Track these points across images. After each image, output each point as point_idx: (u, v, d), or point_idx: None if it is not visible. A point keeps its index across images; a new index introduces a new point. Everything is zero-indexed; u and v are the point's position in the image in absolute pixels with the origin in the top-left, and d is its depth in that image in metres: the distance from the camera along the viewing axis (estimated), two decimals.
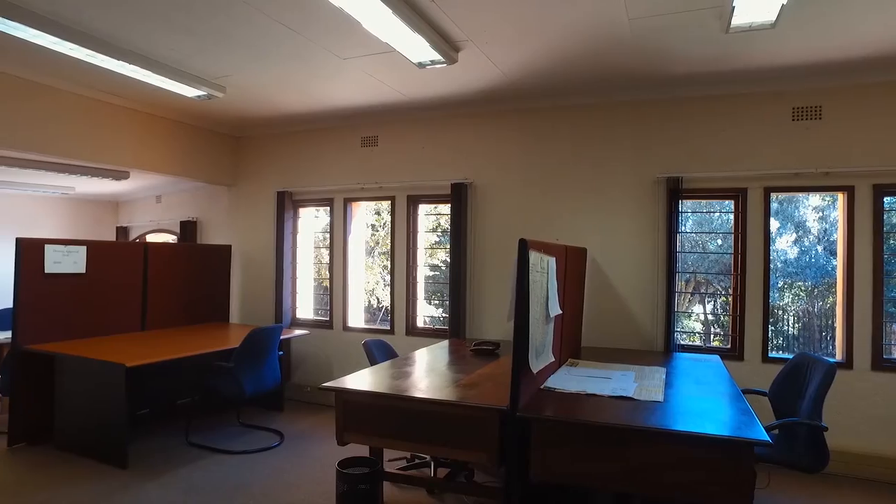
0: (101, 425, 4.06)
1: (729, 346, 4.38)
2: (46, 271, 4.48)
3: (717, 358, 4.00)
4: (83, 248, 4.75)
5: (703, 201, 4.72)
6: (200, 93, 4.43)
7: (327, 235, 5.85)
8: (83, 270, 4.75)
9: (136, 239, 8.04)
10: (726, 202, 4.56)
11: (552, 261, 3.08)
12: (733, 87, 4.23)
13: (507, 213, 4.96)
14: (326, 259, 5.85)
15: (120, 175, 6.08)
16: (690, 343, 4.79)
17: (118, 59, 3.71)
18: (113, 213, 8.47)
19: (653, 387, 3.00)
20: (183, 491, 3.57)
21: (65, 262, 4.61)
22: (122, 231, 8.27)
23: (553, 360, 3.28)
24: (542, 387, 2.99)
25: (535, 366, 2.82)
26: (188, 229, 6.75)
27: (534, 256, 2.69)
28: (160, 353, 4.13)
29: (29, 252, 4.37)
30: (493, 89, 4.53)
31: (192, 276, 5.74)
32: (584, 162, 4.71)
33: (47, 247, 4.49)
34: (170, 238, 7.52)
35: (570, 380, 3.16)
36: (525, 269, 2.56)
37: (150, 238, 7.86)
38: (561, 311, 3.27)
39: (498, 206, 5.00)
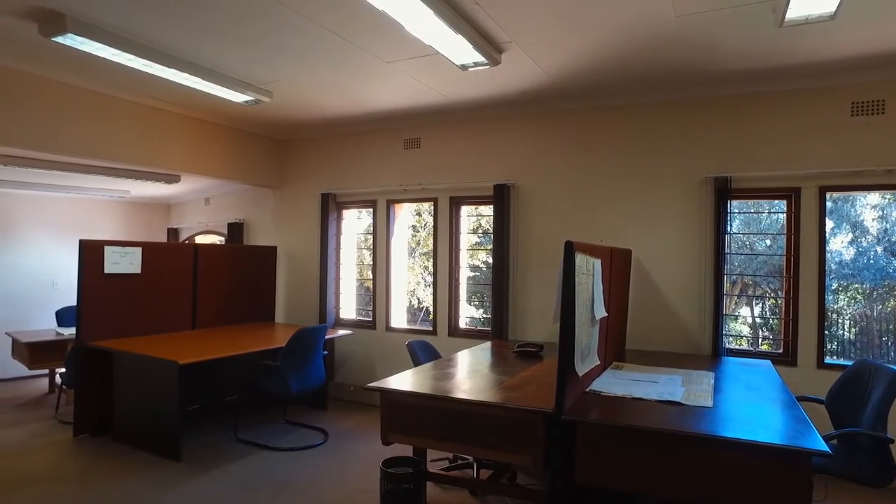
0: (155, 419, 4.22)
1: (781, 350, 4.23)
2: (106, 271, 4.69)
3: (768, 363, 3.87)
4: (139, 250, 4.95)
5: (751, 201, 4.57)
6: (248, 98, 4.55)
7: (370, 237, 5.93)
8: (139, 271, 4.94)
9: (185, 240, 8.32)
10: (777, 202, 4.41)
11: (598, 263, 3.04)
12: (786, 83, 4.08)
13: (549, 214, 4.92)
14: (369, 260, 5.92)
15: (171, 179, 6.30)
16: (737, 347, 4.64)
17: (172, 68, 3.85)
18: (164, 215, 8.78)
19: (701, 392, 2.92)
20: (232, 485, 3.68)
21: (122, 262, 4.82)
22: (173, 232, 8.57)
23: (598, 363, 3.24)
24: (587, 390, 2.95)
25: (581, 369, 2.80)
26: (235, 231, 6.94)
27: (580, 258, 2.67)
28: (210, 351, 4.27)
29: (90, 253, 4.58)
30: (535, 90, 4.50)
31: (239, 277, 5.91)
32: (627, 162, 4.63)
33: (107, 248, 4.70)
34: (217, 239, 7.75)
35: (616, 383, 3.11)
36: (571, 272, 2.54)
37: (199, 239, 8.11)
38: (606, 314, 3.23)
39: (540, 207, 4.96)
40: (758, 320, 8.67)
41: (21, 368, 6.08)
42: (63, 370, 5.44)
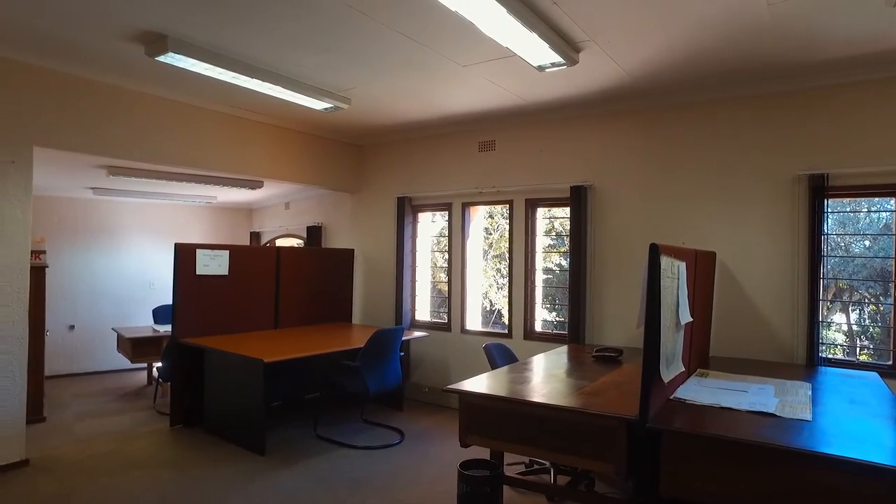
0: (242, 414, 4.44)
1: (891, 362, 3.90)
2: (197, 273, 4.99)
3: (875, 375, 3.56)
4: (227, 253, 5.23)
5: (846, 200, 4.24)
6: (327, 105, 4.71)
7: (443, 239, 5.97)
8: (226, 272, 5.22)
9: (266, 243, 8.70)
10: (881, 199, 4.07)
11: (682, 266, 2.93)
12: (894, 69, 3.76)
13: (628, 216, 4.78)
14: (442, 262, 5.97)
15: (255, 184, 6.62)
16: (833, 356, 4.32)
17: (257, 79, 4.04)
18: (247, 219, 9.24)
19: (797, 403, 2.74)
20: (313, 480, 3.81)
21: (212, 264, 5.11)
22: (255, 236, 8.99)
23: (683, 369, 3.11)
24: (671, 397, 2.84)
25: (666, 375, 2.70)
26: (314, 234, 7.20)
27: (665, 261, 2.58)
28: (293, 350, 4.44)
29: (184, 256, 4.89)
30: (614, 89, 4.39)
31: (318, 278, 6.12)
32: (711, 160, 4.42)
33: (198, 251, 5.00)
34: (296, 242, 8.05)
35: (702, 391, 2.98)
36: (656, 275, 2.45)
37: (279, 242, 8.45)
38: (692, 319, 3.10)
39: (618, 209, 4.83)
40: (854, 328, 8.03)
41: (124, 361, 6.59)
42: (159, 364, 5.84)
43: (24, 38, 3.56)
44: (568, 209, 5.10)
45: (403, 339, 5.09)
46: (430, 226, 6.33)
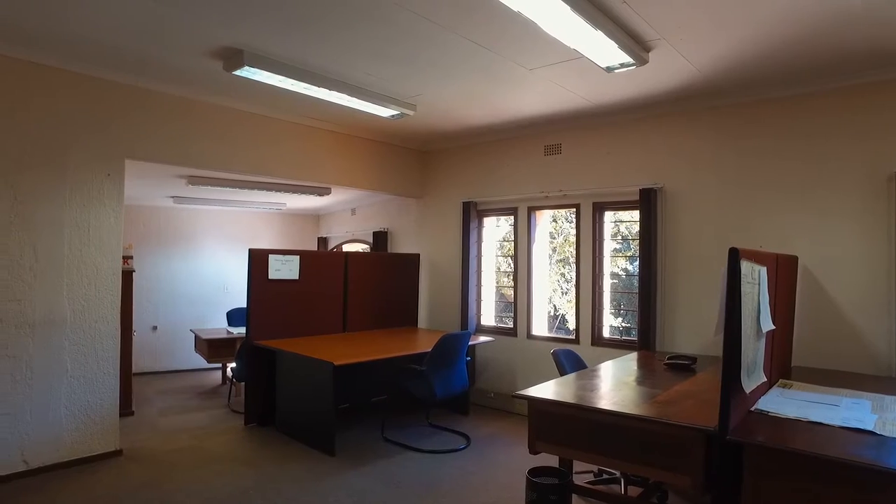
0: (312, 415, 4.56)
1: None
2: (270, 277, 5.17)
3: None
4: (297, 258, 5.40)
5: None
6: (394, 112, 4.78)
7: (506, 244, 5.94)
8: (297, 277, 5.39)
9: (333, 248, 8.93)
10: None
11: (763, 271, 2.78)
12: None
13: (700, 219, 4.60)
14: (505, 267, 5.93)
15: (323, 191, 6.80)
16: None
17: (325, 88, 4.15)
18: (314, 224, 9.52)
19: None
20: (382, 482, 3.86)
21: (283, 269, 5.29)
22: (322, 241, 9.25)
23: (764, 379, 2.95)
24: (752, 409, 2.70)
25: (748, 385, 2.57)
26: (380, 239, 7.33)
27: (745, 266, 2.45)
28: (362, 353, 4.53)
29: (257, 261, 5.09)
30: (685, 88, 4.24)
31: (385, 283, 6.21)
32: (791, 159, 4.18)
33: (270, 256, 5.19)
34: (362, 247, 8.22)
35: (786, 403, 2.81)
36: (736, 280, 2.34)
37: (346, 247, 8.65)
38: (774, 327, 2.94)
39: (690, 211, 4.65)
40: None
41: (201, 361, 6.92)
42: (233, 365, 6.10)
43: (116, 59, 3.82)
44: (635, 212, 4.96)
45: (469, 343, 5.09)
46: (494, 230, 6.32)
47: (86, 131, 4.03)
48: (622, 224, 5.53)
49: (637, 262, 4.97)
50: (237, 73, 3.76)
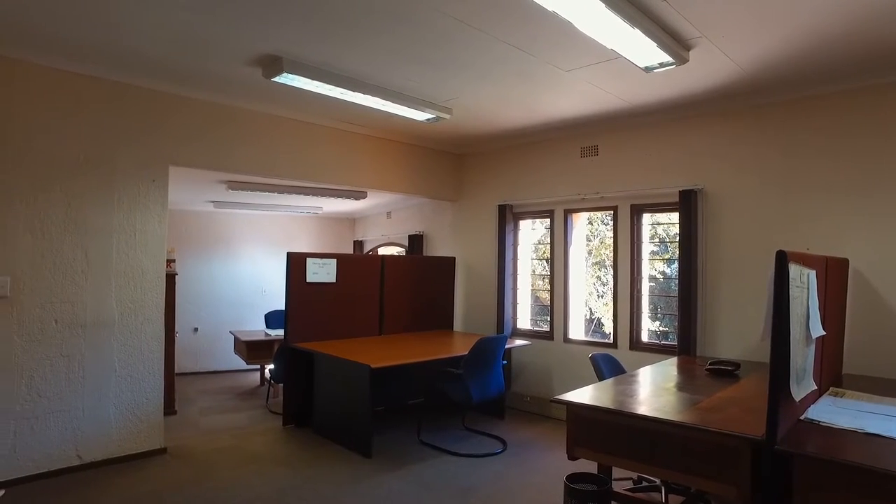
0: (349, 417, 4.60)
1: None
2: (307, 280, 5.25)
3: None
4: (334, 261, 5.47)
5: None
6: (430, 116, 4.80)
7: (541, 246, 5.89)
8: (334, 280, 5.46)
9: (369, 251, 9.01)
10: None
11: (812, 274, 2.68)
12: None
13: (743, 220, 4.47)
14: (541, 270, 5.88)
15: (359, 195, 6.87)
16: None
17: (361, 93, 4.20)
18: (350, 228, 9.62)
19: None
20: (418, 485, 3.86)
21: (320, 272, 5.36)
22: (358, 244, 9.34)
23: (814, 387, 2.84)
24: (801, 418, 2.61)
25: (797, 393, 2.47)
26: (415, 242, 7.36)
27: (793, 269, 2.37)
28: (398, 356, 4.55)
29: (295, 264, 5.17)
30: (726, 87, 4.13)
31: (421, 286, 6.24)
32: (840, 158, 4.02)
33: (308, 260, 5.27)
34: (398, 250, 8.27)
35: (839, 413, 2.70)
36: (784, 284, 2.26)
37: (381, 251, 8.72)
38: (824, 333, 2.83)
39: (732, 213, 4.53)
40: None
41: (240, 362, 7.07)
42: (271, 367, 6.20)
43: (160, 70, 3.95)
44: (673, 214, 4.85)
45: (506, 347, 5.06)
46: (530, 233, 6.27)
47: (132, 139, 4.17)
48: (659, 226, 5.42)
49: (675, 265, 4.86)
50: (276, 79, 3.84)
